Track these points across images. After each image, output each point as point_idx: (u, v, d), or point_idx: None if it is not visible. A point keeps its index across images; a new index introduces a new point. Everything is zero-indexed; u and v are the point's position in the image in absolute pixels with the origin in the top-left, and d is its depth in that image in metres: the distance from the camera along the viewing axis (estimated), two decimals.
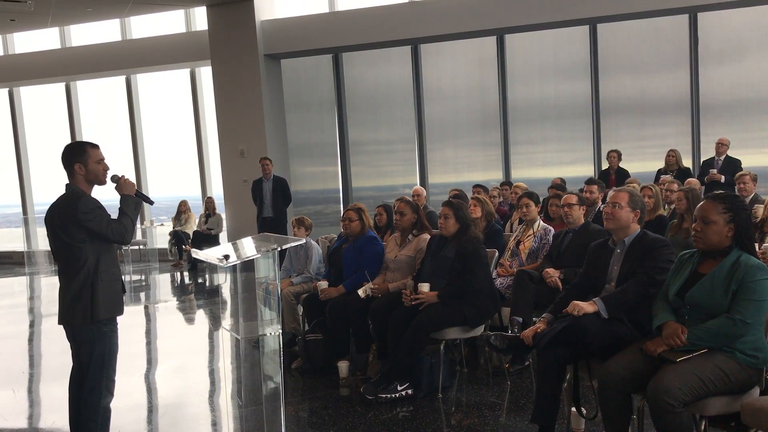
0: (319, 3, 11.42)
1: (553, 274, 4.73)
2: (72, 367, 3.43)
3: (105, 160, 3.42)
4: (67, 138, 13.15)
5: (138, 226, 11.03)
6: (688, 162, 9.25)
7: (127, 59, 12.32)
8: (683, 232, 5.08)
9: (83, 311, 3.29)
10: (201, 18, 11.67)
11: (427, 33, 10.45)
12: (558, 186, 7.62)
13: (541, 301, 4.55)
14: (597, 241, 3.70)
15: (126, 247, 10.78)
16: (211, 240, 11.04)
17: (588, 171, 10.28)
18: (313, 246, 5.88)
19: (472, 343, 5.16)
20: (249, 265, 3.43)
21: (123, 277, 3.58)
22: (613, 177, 8.72)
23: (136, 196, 3.48)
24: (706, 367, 2.75)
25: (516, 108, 10.82)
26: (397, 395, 4.32)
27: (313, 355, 5.04)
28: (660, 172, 8.49)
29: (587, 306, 3.26)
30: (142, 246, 12.28)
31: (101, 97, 15.56)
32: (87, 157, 3.34)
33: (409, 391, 4.35)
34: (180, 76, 12.79)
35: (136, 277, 10.96)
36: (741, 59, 9.77)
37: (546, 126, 10.76)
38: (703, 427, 2.84)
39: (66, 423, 3.47)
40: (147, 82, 13.22)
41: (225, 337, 6.39)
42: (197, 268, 10.89)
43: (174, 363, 5.79)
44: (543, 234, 5.24)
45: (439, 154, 11.38)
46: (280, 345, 3.32)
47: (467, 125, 11.22)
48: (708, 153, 9.12)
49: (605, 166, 9.31)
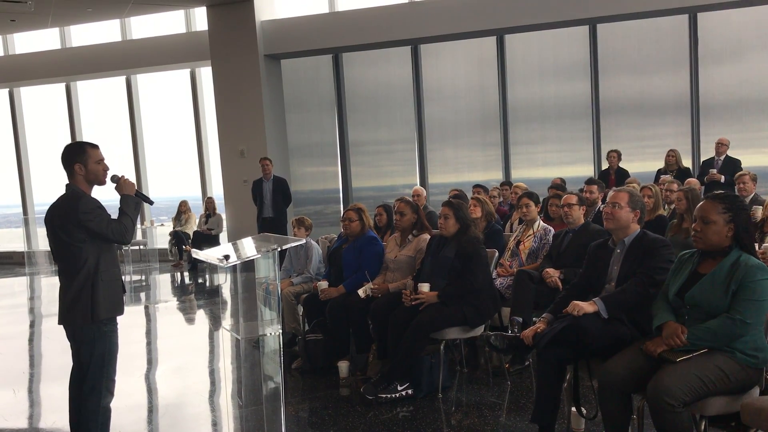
0: (319, 3, 11.42)
1: (553, 274, 4.73)
2: (72, 367, 3.43)
3: (105, 160, 3.42)
4: (68, 138, 13.15)
5: (138, 226, 11.04)
6: (687, 162, 9.26)
7: (128, 59, 12.33)
8: (683, 232, 5.08)
9: (83, 311, 3.29)
10: (201, 18, 11.67)
11: (427, 33, 10.45)
12: (558, 186, 7.62)
13: (541, 301, 4.55)
14: (597, 241, 3.70)
15: (126, 248, 10.79)
16: (212, 240, 11.04)
17: (588, 171, 10.28)
18: (313, 246, 5.89)
19: (472, 343, 5.16)
20: (249, 266, 3.42)
21: (123, 278, 3.58)
22: (613, 177, 8.72)
23: (135, 196, 3.48)
24: (706, 367, 2.75)
25: (516, 108, 10.82)
26: (397, 395, 4.32)
27: (313, 355, 5.04)
28: (660, 172, 8.49)
29: (587, 306, 3.27)
30: (142, 246, 12.29)
31: (101, 98, 15.58)
32: (87, 158, 3.34)
33: (409, 391, 4.35)
34: (180, 76, 12.80)
35: (136, 278, 10.96)
36: (741, 59, 9.77)
37: (546, 126, 10.76)
38: (703, 427, 2.84)
39: (66, 423, 3.47)
40: (147, 82, 13.25)
41: (225, 337, 6.39)
42: (197, 268, 10.89)
43: (174, 363, 5.79)
44: (543, 234, 5.24)
45: (439, 154, 11.38)
46: (280, 345, 3.32)
47: (467, 125, 11.22)
48: (708, 153, 9.12)
49: (605, 166, 9.31)
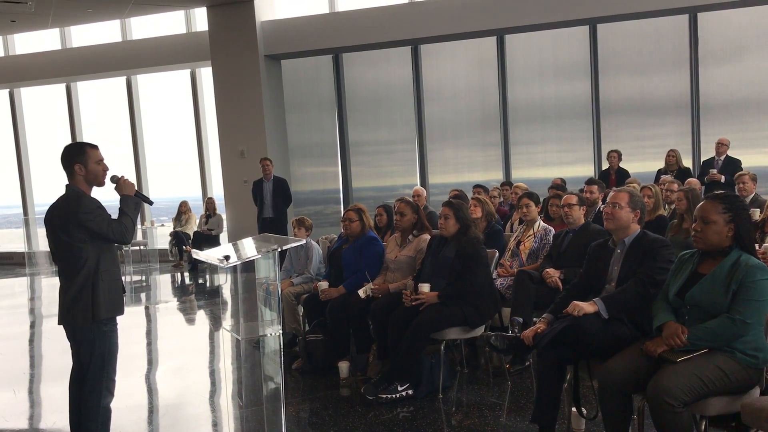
0: (319, 3, 11.43)
1: (554, 274, 4.73)
2: (72, 368, 3.43)
3: (104, 160, 3.42)
4: (68, 139, 13.16)
5: (138, 226, 11.03)
6: (688, 162, 9.25)
7: (128, 60, 12.33)
8: (683, 232, 5.08)
9: (83, 311, 3.29)
10: (201, 19, 11.68)
11: (427, 33, 10.46)
12: (558, 186, 7.62)
13: (542, 302, 4.54)
14: (597, 242, 3.70)
15: (126, 248, 10.79)
16: (212, 240, 11.03)
17: (588, 171, 10.28)
18: (314, 246, 5.89)
19: (472, 344, 5.15)
20: (249, 266, 3.42)
21: (123, 278, 3.58)
22: (613, 177, 8.72)
23: (135, 196, 3.48)
24: (706, 367, 2.75)
25: (516, 108, 10.82)
26: (398, 395, 4.32)
27: (314, 356, 5.04)
28: (660, 172, 8.49)
29: (587, 306, 3.27)
30: (142, 246, 12.28)
31: (102, 98, 15.60)
32: (87, 158, 3.35)
33: (410, 392, 4.35)
34: (180, 76, 12.81)
35: (136, 278, 10.96)
36: (741, 59, 9.77)
37: (546, 126, 10.76)
38: (703, 427, 2.84)
39: (66, 423, 3.47)
40: (147, 82, 13.25)
41: (225, 338, 6.40)
42: (198, 268, 10.88)
43: (174, 363, 5.79)
44: (543, 234, 5.24)
45: (439, 154, 11.38)
46: (280, 345, 3.32)
47: (467, 125, 11.22)
48: (708, 153, 9.12)
49: (605, 166, 9.31)
